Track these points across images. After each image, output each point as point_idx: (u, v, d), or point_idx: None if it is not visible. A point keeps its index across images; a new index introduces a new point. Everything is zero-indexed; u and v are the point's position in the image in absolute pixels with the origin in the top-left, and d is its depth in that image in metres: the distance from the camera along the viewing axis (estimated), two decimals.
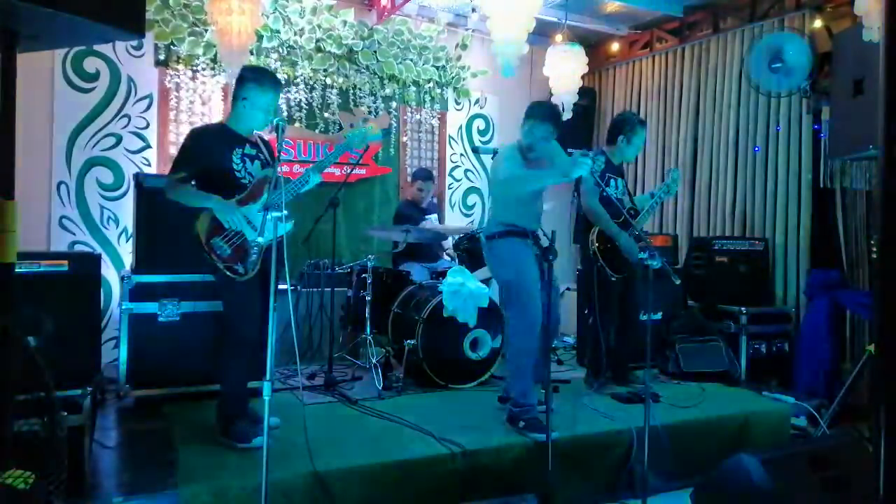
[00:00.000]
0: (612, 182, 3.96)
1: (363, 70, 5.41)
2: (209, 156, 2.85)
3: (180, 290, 3.51)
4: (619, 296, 3.98)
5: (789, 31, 4.75)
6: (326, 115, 5.30)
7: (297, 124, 5.16)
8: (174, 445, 2.82)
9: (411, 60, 5.59)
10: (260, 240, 2.68)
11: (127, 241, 4.56)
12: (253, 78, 2.92)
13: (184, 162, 2.85)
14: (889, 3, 1.04)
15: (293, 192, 2.93)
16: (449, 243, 5.11)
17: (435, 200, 5.36)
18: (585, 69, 5.23)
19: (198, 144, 2.88)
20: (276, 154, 2.62)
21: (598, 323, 3.89)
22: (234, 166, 2.89)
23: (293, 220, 2.90)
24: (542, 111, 3.36)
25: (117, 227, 4.59)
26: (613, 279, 3.87)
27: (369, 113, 5.47)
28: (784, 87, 4.67)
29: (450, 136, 6.04)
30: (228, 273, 2.80)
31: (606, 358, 3.91)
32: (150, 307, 3.45)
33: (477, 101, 6.14)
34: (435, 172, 5.48)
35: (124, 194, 4.57)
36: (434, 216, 5.07)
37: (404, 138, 5.77)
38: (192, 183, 2.86)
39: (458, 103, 6.03)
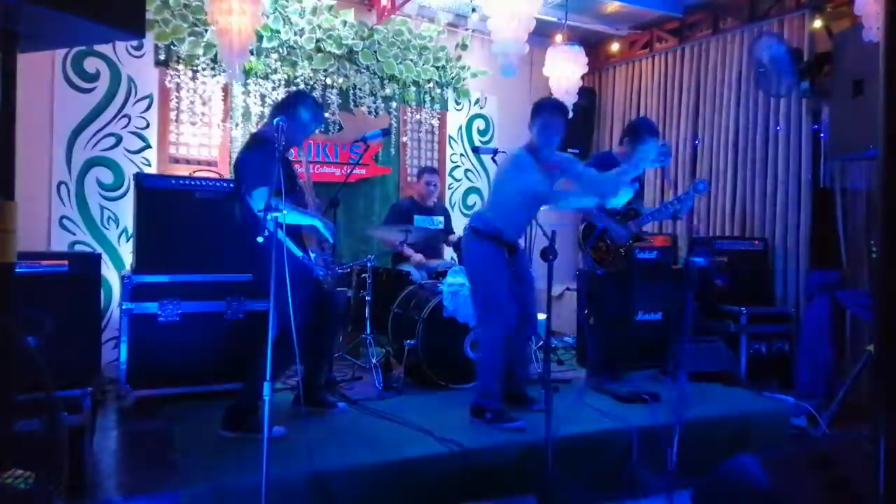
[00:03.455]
0: None
1: (363, 70, 5.40)
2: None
3: (180, 290, 3.50)
4: (615, 293, 4.01)
5: (768, 36, 4.73)
6: (326, 115, 5.30)
7: None
8: (174, 445, 2.82)
9: (411, 60, 5.59)
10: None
11: (127, 241, 4.56)
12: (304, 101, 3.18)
13: (268, 175, 2.44)
14: (889, 3, 1.04)
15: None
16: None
17: (436, 200, 5.33)
18: (585, 69, 5.22)
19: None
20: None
21: (594, 322, 3.93)
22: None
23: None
24: (551, 106, 3.33)
25: (117, 227, 4.59)
26: (601, 273, 3.91)
27: (369, 113, 5.47)
28: (783, 88, 4.67)
29: (450, 137, 6.04)
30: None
31: (604, 357, 3.93)
32: (150, 307, 3.44)
33: (477, 102, 6.14)
34: None
35: (124, 194, 4.57)
36: (442, 218, 5.01)
37: (404, 138, 5.77)
38: None
39: (458, 103, 6.03)
